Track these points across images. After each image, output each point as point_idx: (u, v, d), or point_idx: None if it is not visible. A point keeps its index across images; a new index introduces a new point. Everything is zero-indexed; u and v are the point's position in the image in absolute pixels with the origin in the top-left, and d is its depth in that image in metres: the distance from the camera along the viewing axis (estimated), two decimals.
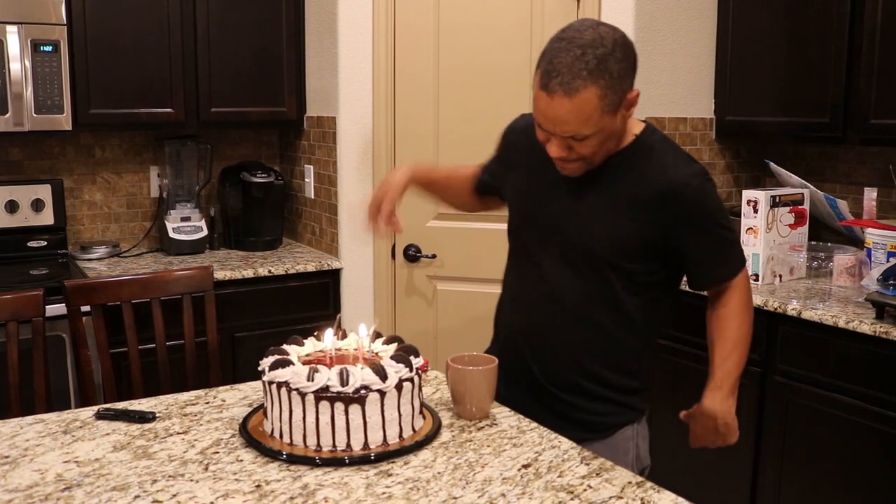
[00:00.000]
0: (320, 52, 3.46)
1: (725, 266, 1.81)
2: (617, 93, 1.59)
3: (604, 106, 1.58)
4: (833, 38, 2.97)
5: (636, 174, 1.73)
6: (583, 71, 1.55)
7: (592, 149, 1.66)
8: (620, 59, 1.58)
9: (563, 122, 1.61)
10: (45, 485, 1.42)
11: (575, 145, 1.65)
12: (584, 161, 1.70)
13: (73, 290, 2.46)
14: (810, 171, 3.45)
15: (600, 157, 1.71)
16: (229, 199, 3.66)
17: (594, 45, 1.56)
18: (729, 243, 1.81)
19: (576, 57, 1.55)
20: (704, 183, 1.72)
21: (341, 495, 1.37)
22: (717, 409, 1.79)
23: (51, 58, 3.05)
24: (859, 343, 2.55)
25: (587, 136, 1.62)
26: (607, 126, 1.63)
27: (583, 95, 1.56)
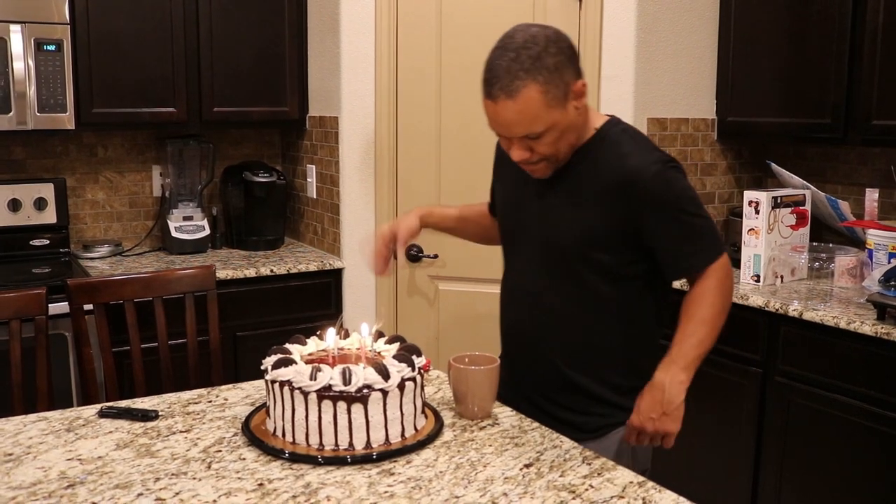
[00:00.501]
0: (322, 51, 3.47)
1: (696, 255, 1.75)
2: (558, 86, 1.62)
3: (548, 101, 1.62)
4: (834, 38, 2.97)
5: (596, 165, 1.76)
6: (519, 71, 1.60)
7: (551, 146, 1.69)
8: (555, 54, 1.62)
9: (513, 123, 1.65)
10: (49, 482, 1.43)
11: (534, 145, 1.68)
12: (549, 160, 1.73)
13: (75, 289, 2.47)
14: (812, 171, 3.45)
15: (564, 152, 1.74)
16: (231, 198, 3.67)
17: (526, 45, 1.61)
18: (698, 230, 1.75)
19: (511, 60, 1.61)
20: (664, 170, 1.72)
21: (343, 494, 1.37)
22: (666, 382, 1.71)
23: (54, 57, 3.06)
24: (860, 344, 2.56)
25: (541, 133, 1.65)
26: (560, 120, 1.66)
27: (524, 94, 1.60)
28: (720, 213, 3.54)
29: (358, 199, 3.38)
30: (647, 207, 1.71)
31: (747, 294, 2.88)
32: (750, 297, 2.86)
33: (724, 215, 3.54)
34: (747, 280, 3.05)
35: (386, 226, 2.03)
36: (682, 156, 3.40)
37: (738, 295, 2.90)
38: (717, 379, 3.02)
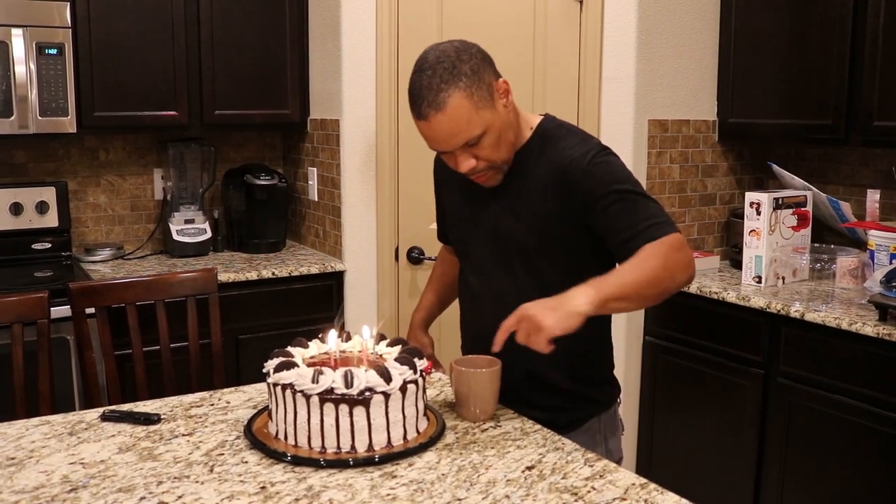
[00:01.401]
0: (324, 54, 3.47)
1: (646, 231, 1.66)
2: (481, 87, 1.67)
3: (476, 103, 1.66)
4: (835, 39, 2.97)
5: (540, 160, 1.80)
6: (441, 84, 1.65)
7: (493, 149, 1.72)
8: (467, 60, 1.67)
9: (451, 135, 1.68)
10: (52, 486, 1.43)
11: (476, 152, 1.72)
12: (494, 166, 1.77)
13: (77, 293, 2.47)
14: (813, 172, 3.45)
15: (506, 154, 1.77)
16: (233, 201, 3.67)
17: (439, 60, 1.67)
18: (643, 209, 1.70)
19: (430, 77, 1.67)
20: (598, 155, 1.74)
21: (346, 497, 1.38)
22: (571, 291, 1.59)
23: (55, 60, 3.06)
24: (862, 345, 2.56)
25: (479, 136, 1.69)
26: (493, 120, 1.70)
27: (451, 103, 1.65)
28: (721, 215, 3.55)
29: (359, 201, 3.38)
30: (591, 193, 1.72)
31: (749, 295, 2.89)
32: (751, 299, 2.86)
33: (725, 217, 3.55)
34: (749, 281, 3.05)
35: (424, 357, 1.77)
36: (684, 157, 3.40)
37: (740, 296, 2.90)
38: (719, 380, 3.02)
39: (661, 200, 3.38)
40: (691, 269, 1.69)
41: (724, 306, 2.97)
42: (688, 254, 1.69)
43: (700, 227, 3.51)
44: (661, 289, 1.66)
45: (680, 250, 1.67)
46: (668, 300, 1.76)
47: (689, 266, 1.69)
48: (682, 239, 1.68)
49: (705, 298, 3.04)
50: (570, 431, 1.82)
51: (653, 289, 1.65)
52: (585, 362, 1.90)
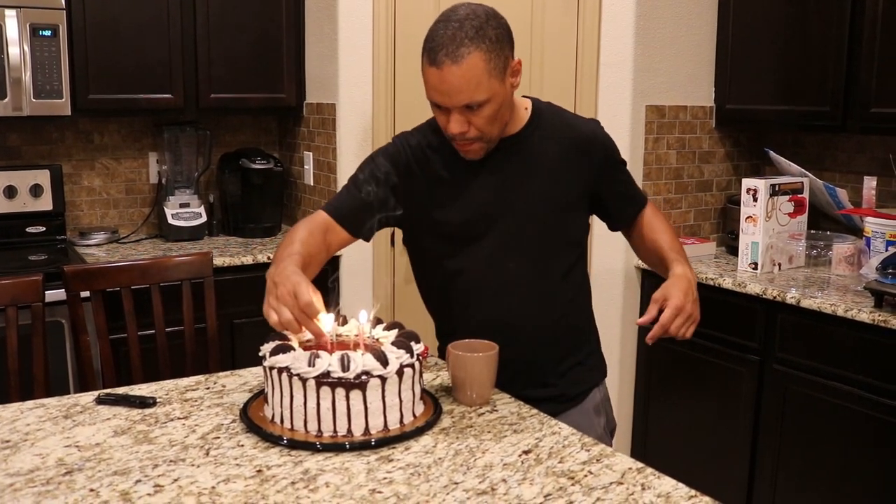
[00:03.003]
0: (320, 38, 3.45)
1: (638, 200, 1.98)
2: (500, 57, 1.69)
3: (490, 69, 1.67)
4: (833, 26, 2.96)
5: (546, 136, 1.85)
6: (465, 39, 1.65)
7: (488, 120, 1.73)
8: (495, 27, 1.69)
9: (457, 90, 1.68)
10: (47, 469, 1.42)
11: (472, 118, 1.71)
12: (483, 140, 1.76)
13: (72, 276, 2.46)
14: (810, 159, 3.45)
15: (497, 130, 1.78)
16: (228, 185, 3.66)
17: (469, 17, 1.68)
18: (632, 180, 2.00)
19: (455, 29, 1.67)
20: (602, 129, 1.92)
21: (342, 480, 1.37)
22: (688, 274, 1.80)
23: (50, 42, 3.04)
24: (858, 331, 2.56)
25: (482, 102, 1.69)
26: (498, 93, 1.71)
27: (469, 60, 1.65)
28: (718, 201, 3.54)
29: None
30: (604, 162, 1.88)
31: (745, 282, 2.89)
32: (748, 285, 2.86)
33: (721, 203, 3.54)
34: (745, 268, 3.05)
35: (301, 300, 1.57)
36: (681, 143, 3.39)
37: (736, 282, 2.90)
38: (715, 366, 3.02)
39: (658, 186, 3.38)
40: None
41: (720, 292, 2.97)
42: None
43: (696, 213, 3.50)
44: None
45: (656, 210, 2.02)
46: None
47: None
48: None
49: (701, 285, 3.02)
50: (578, 403, 1.91)
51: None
52: (585, 337, 2.00)
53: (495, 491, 1.34)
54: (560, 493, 1.34)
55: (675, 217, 3.42)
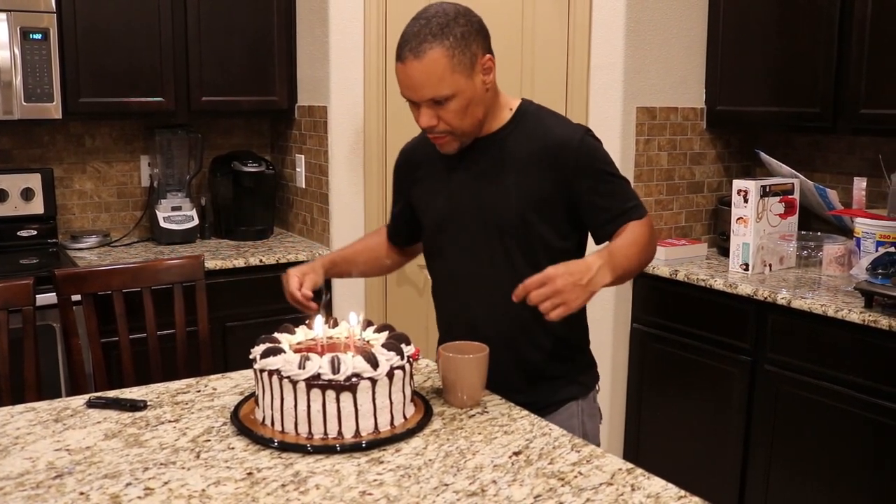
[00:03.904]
0: (312, 40, 3.45)
1: (626, 213, 1.82)
2: (464, 53, 1.71)
3: (453, 65, 1.70)
4: (823, 27, 2.97)
5: (522, 137, 1.84)
6: (428, 35, 1.70)
7: (457, 115, 1.75)
8: (463, 25, 1.72)
9: (420, 84, 1.73)
10: (37, 472, 1.42)
11: (441, 112, 1.75)
12: (455, 134, 1.79)
13: (63, 280, 2.46)
14: (800, 160, 3.46)
15: (469, 125, 1.79)
16: (220, 188, 3.65)
17: (437, 15, 1.73)
18: (622, 192, 1.85)
19: (421, 26, 1.72)
20: (586, 137, 1.82)
21: (333, 482, 1.37)
22: (596, 265, 1.64)
23: (40, 46, 3.03)
24: (848, 332, 2.57)
25: (447, 97, 1.72)
26: (465, 89, 1.73)
27: (430, 55, 1.70)
28: (709, 202, 3.55)
29: (347, 188, 3.37)
30: (578, 173, 1.80)
31: (736, 283, 2.89)
32: (739, 286, 2.87)
33: (713, 204, 3.55)
34: (736, 269, 3.06)
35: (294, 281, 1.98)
36: (672, 144, 3.40)
37: (727, 283, 2.91)
38: (706, 367, 3.03)
39: (649, 188, 3.38)
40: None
41: (712, 293, 2.98)
42: (655, 232, 1.88)
43: (687, 214, 3.51)
44: (646, 263, 1.85)
45: (653, 229, 1.86)
46: (655, 287, 1.82)
47: (656, 239, 1.90)
48: (651, 221, 1.87)
49: (693, 286, 3.04)
50: (548, 413, 1.84)
51: (644, 263, 1.83)
52: (568, 345, 1.94)
53: (485, 492, 1.34)
54: (550, 494, 1.34)
55: (666, 218, 3.43)
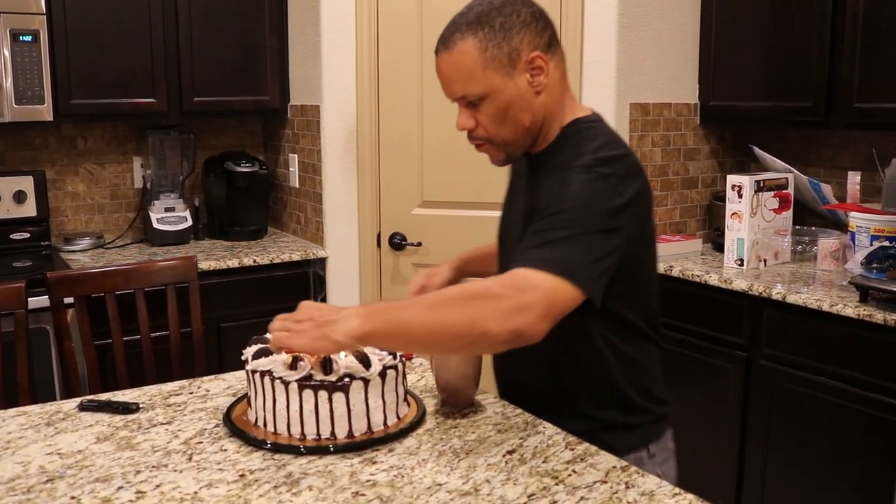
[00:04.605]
0: (303, 40, 3.44)
1: (523, 255, 1.41)
2: (501, 47, 1.48)
3: (485, 60, 1.48)
4: (816, 22, 2.97)
5: (555, 168, 1.54)
6: (462, 25, 1.50)
7: (494, 120, 1.53)
8: (508, 14, 1.49)
9: (450, 80, 1.53)
10: (28, 477, 1.41)
11: (477, 115, 1.54)
12: (495, 143, 1.57)
13: (55, 282, 2.45)
14: (794, 155, 3.45)
15: (510, 133, 1.55)
16: (213, 188, 3.64)
17: (480, 3, 1.52)
18: (551, 239, 1.40)
19: (460, 15, 1.52)
20: (581, 172, 1.46)
21: (326, 483, 1.37)
22: (344, 311, 1.37)
23: (30, 47, 3.02)
24: (843, 326, 2.57)
25: (479, 97, 1.51)
26: (503, 90, 1.50)
27: (460, 47, 1.49)
28: (703, 198, 3.55)
29: (340, 187, 3.36)
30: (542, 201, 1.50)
31: (731, 278, 2.89)
32: (734, 281, 2.87)
33: (707, 200, 3.55)
34: (731, 264, 3.05)
35: (420, 277, 1.90)
36: (665, 140, 3.40)
37: (722, 279, 2.91)
38: (702, 363, 3.03)
39: None
40: (517, 320, 1.33)
41: (707, 289, 2.97)
42: (523, 301, 1.33)
43: (682, 210, 3.51)
44: (458, 339, 1.36)
45: (516, 294, 1.34)
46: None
47: (515, 315, 1.33)
48: (553, 292, 1.35)
49: (687, 281, 3.04)
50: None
51: (451, 325, 1.34)
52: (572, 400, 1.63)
53: (479, 492, 1.34)
54: (544, 492, 1.34)
55: (661, 214, 3.43)
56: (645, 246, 1.59)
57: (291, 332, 1.37)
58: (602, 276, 1.43)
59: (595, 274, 1.41)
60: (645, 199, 1.54)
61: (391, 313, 1.36)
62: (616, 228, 1.44)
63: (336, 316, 1.35)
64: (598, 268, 1.42)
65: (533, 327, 1.34)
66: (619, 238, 1.45)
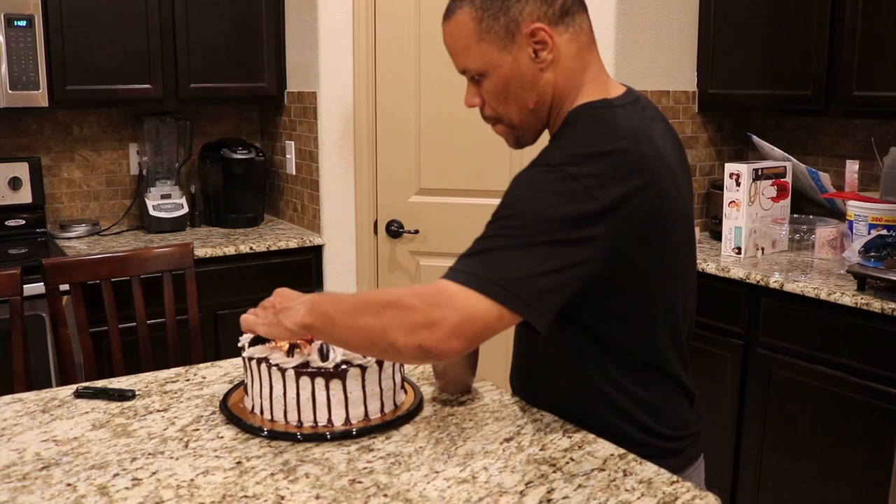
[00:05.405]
0: (300, 26, 3.43)
1: (454, 267, 1.28)
2: (497, 17, 1.35)
3: (480, 31, 1.36)
4: (815, 10, 2.96)
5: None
6: None
7: (495, 97, 1.41)
8: None
9: (452, 52, 1.42)
10: (24, 464, 1.41)
11: (482, 92, 1.42)
12: (505, 122, 1.45)
13: (51, 269, 2.44)
14: (793, 143, 3.45)
15: (515, 114, 1.42)
16: (210, 175, 3.63)
17: None
18: (484, 244, 1.28)
19: None
20: (533, 170, 1.33)
21: (322, 471, 1.36)
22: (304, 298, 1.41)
23: (25, 33, 3.00)
24: (841, 315, 2.56)
25: (478, 72, 1.40)
26: (500, 65, 1.37)
27: (456, 17, 1.38)
28: (701, 186, 3.54)
29: (337, 175, 3.35)
30: None
31: (728, 266, 2.89)
32: (731, 270, 2.86)
33: (705, 188, 3.54)
34: (728, 252, 3.05)
35: None
36: None
37: (720, 267, 2.90)
38: (699, 351, 3.03)
39: None
40: (424, 336, 1.23)
41: (705, 277, 2.97)
42: (434, 316, 1.23)
43: None
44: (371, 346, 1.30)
45: (428, 307, 1.24)
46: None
47: (422, 330, 1.23)
48: (461, 306, 1.22)
49: None
50: None
51: (360, 337, 1.30)
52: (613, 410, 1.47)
53: (476, 479, 1.33)
54: (541, 480, 1.33)
55: None
56: (651, 258, 1.36)
57: (258, 316, 1.46)
58: (551, 295, 1.26)
59: (535, 291, 1.24)
60: (647, 203, 1.30)
61: (327, 307, 1.35)
62: (583, 239, 1.25)
63: (290, 304, 1.41)
64: (542, 284, 1.24)
65: (440, 344, 1.23)
66: (588, 250, 1.26)
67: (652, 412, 1.47)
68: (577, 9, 1.41)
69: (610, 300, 1.38)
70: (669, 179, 1.36)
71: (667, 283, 1.42)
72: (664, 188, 1.34)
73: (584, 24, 1.43)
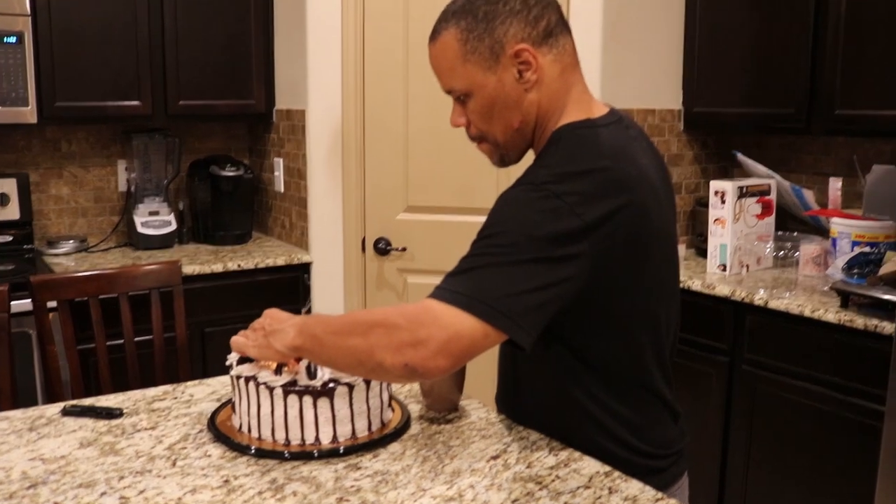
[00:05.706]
0: (289, 44, 3.44)
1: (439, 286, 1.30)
2: (482, 39, 1.36)
3: (465, 52, 1.37)
4: (798, 29, 2.99)
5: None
6: (448, 14, 1.40)
7: (480, 117, 1.42)
8: (494, 2, 1.37)
9: (437, 73, 1.44)
10: (10, 483, 1.41)
11: (467, 112, 1.44)
12: (489, 142, 1.46)
13: (38, 286, 2.44)
14: (777, 161, 3.48)
15: (500, 133, 1.44)
16: (198, 192, 3.64)
17: None
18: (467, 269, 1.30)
19: (450, 2, 1.42)
20: (517, 188, 1.34)
21: (310, 489, 1.37)
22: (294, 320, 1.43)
23: (14, 49, 3.01)
24: (825, 331, 2.59)
25: (463, 92, 1.41)
26: (485, 86, 1.39)
27: (442, 38, 1.40)
28: (687, 204, 3.57)
29: (325, 192, 3.36)
30: None
31: (714, 283, 2.91)
32: (716, 287, 2.88)
33: (690, 205, 3.57)
34: (714, 269, 3.07)
35: None
36: None
37: (705, 284, 2.92)
38: (685, 368, 3.04)
39: None
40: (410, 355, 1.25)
41: (690, 294, 2.99)
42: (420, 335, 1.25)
43: None
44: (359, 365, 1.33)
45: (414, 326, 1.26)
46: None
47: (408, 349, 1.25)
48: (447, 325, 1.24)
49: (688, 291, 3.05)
50: None
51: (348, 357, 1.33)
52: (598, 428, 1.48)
53: (463, 497, 1.34)
54: (528, 498, 1.34)
55: None
56: (634, 275, 1.37)
57: (248, 338, 1.48)
58: (536, 312, 1.27)
59: (520, 309, 1.25)
60: (629, 221, 1.32)
61: (316, 329, 1.37)
62: (567, 257, 1.27)
63: (280, 326, 1.42)
64: (527, 301, 1.26)
65: (426, 363, 1.24)
66: (571, 268, 1.28)
67: (635, 430, 1.48)
68: (561, 30, 1.44)
69: (593, 317, 1.39)
70: (652, 197, 1.39)
71: (650, 299, 1.44)
72: (646, 206, 1.36)
73: (567, 45, 1.46)
